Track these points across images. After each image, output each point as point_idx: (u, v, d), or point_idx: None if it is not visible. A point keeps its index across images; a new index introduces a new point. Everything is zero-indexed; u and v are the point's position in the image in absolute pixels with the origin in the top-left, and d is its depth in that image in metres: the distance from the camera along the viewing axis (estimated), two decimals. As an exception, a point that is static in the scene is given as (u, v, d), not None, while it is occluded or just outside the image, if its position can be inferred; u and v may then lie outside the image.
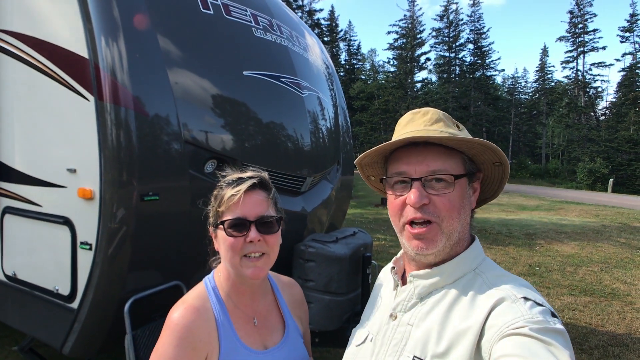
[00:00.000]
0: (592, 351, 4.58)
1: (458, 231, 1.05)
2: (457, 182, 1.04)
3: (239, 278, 1.28)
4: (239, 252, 1.23)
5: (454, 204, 1.03)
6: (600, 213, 15.34)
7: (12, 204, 3.18)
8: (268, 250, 1.26)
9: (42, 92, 2.92)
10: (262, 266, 1.25)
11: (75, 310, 2.76)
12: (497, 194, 1.21)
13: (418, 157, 1.05)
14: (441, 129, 1.06)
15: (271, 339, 1.33)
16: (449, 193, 1.02)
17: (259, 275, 1.25)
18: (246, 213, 1.23)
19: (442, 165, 1.03)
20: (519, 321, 0.87)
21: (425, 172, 1.03)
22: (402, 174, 1.06)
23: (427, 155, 1.04)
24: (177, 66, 2.82)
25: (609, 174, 34.10)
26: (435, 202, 1.02)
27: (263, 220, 1.24)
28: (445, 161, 1.04)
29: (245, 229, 1.22)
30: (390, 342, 1.08)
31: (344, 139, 4.61)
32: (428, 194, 1.02)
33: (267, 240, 1.25)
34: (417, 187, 1.03)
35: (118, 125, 2.52)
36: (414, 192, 1.02)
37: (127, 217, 2.58)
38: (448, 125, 1.09)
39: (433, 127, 1.07)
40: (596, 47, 45.76)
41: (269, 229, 1.25)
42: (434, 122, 1.08)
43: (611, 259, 8.64)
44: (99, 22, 2.55)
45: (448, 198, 1.02)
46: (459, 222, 1.05)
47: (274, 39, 3.49)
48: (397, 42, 48.14)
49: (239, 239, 1.22)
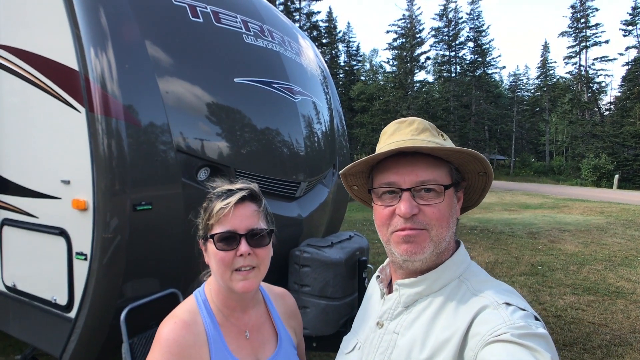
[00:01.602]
0: (595, 351, 4.55)
1: (446, 240, 1.05)
2: (446, 192, 1.04)
3: (229, 292, 1.26)
4: (230, 266, 1.21)
5: (443, 213, 1.03)
6: (605, 210, 15.26)
7: (10, 216, 3.21)
8: (258, 263, 1.24)
9: (34, 105, 2.95)
10: (253, 279, 1.24)
11: (73, 320, 2.77)
12: (478, 203, 1.21)
13: (407, 167, 1.04)
14: (428, 138, 1.06)
15: (264, 351, 1.32)
16: (439, 203, 1.03)
17: (249, 289, 1.24)
18: (236, 226, 1.21)
19: (431, 176, 1.03)
20: (501, 328, 0.88)
21: (415, 182, 1.03)
22: (392, 184, 1.05)
23: (416, 165, 1.04)
24: (168, 75, 2.84)
25: (614, 170, 33.83)
26: (425, 212, 1.02)
27: (253, 233, 1.23)
28: (434, 171, 1.04)
29: (235, 243, 1.21)
30: (377, 350, 1.08)
31: (340, 142, 4.61)
32: (418, 204, 1.03)
33: (257, 253, 1.23)
34: (407, 197, 1.02)
35: (109, 136, 2.54)
36: (404, 202, 1.02)
37: (121, 226, 2.59)
38: (434, 135, 1.09)
39: (420, 136, 1.07)
40: (599, 42, 45.58)
41: (259, 242, 1.24)
42: (420, 131, 1.08)
43: (616, 257, 8.58)
44: (88, 34, 2.58)
45: (438, 208, 1.03)
46: (448, 231, 1.05)
47: (265, 45, 3.51)
48: (396, 41, 48.17)
49: (229, 253, 1.20)
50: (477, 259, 8.07)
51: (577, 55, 47.08)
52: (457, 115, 47.92)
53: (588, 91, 46.23)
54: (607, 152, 36.42)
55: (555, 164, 48.92)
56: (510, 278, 7.01)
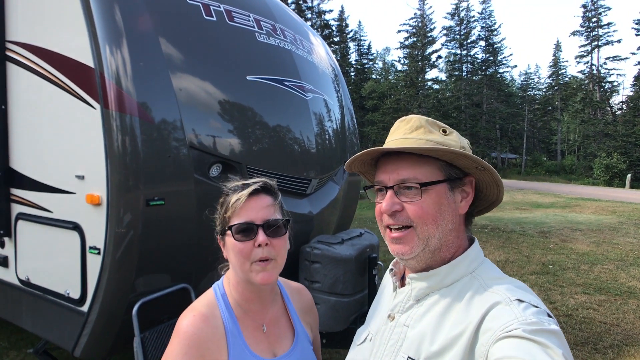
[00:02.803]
0: (606, 350, 4.52)
1: (437, 237, 1.05)
2: (430, 188, 1.05)
3: (248, 285, 1.28)
4: (249, 257, 1.23)
5: (426, 210, 1.04)
6: (617, 209, 15.08)
7: (25, 210, 3.26)
8: (276, 255, 1.25)
9: (51, 101, 2.99)
10: (272, 271, 1.25)
11: (86, 314, 2.81)
12: (500, 196, 1.18)
13: (392, 165, 1.08)
14: (419, 136, 1.07)
15: (280, 346, 1.33)
16: (419, 200, 1.04)
17: (268, 281, 1.25)
18: (253, 217, 1.24)
19: (411, 174, 1.05)
20: (513, 323, 0.88)
21: (396, 180, 1.06)
22: (380, 183, 1.10)
23: (400, 164, 1.07)
24: (181, 73, 2.87)
25: (626, 169, 33.44)
26: (408, 209, 1.05)
27: (270, 223, 1.25)
28: (415, 169, 1.06)
29: (252, 233, 1.23)
30: (388, 342, 1.10)
31: (351, 140, 4.62)
32: (400, 201, 1.06)
33: (274, 244, 1.25)
34: (390, 194, 1.06)
35: (123, 132, 2.57)
36: (386, 199, 1.07)
37: (134, 221, 2.63)
38: (429, 131, 1.09)
39: (412, 134, 1.08)
40: (611, 41, 45.02)
41: (276, 232, 1.26)
42: (413, 129, 1.10)
43: (628, 257, 8.48)
44: (104, 31, 2.61)
45: (419, 205, 1.04)
46: (436, 229, 1.05)
47: (278, 43, 3.53)
48: (407, 40, 47.99)
49: (247, 244, 1.22)
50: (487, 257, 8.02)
51: (589, 54, 46.54)
52: (468, 114, 47.64)
53: (600, 90, 45.68)
54: (619, 151, 35.99)
55: (567, 163, 48.46)
56: (521, 277, 6.96)
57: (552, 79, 55.54)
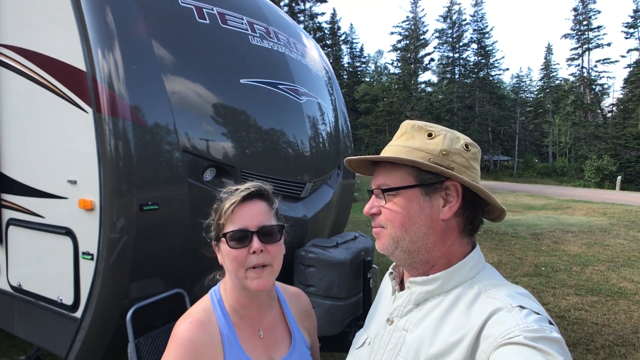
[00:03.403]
0: (598, 351, 4.55)
1: (407, 240, 1.07)
2: (398, 193, 1.08)
3: (244, 291, 1.27)
4: (243, 264, 1.22)
5: (393, 214, 1.08)
6: (608, 211, 15.21)
7: (16, 216, 3.23)
8: (271, 261, 1.24)
9: (42, 105, 2.96)
10: (267, 277, 1.24)
11: (79, 320, 2.79)
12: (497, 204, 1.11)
13: (376, 172, 1.17)
14: (401, 142, 1.12)
15: (277, 351, 1.32)
16: (387, 204, 1.10)
17: (264, 287, 1.24)
18: (247, 224, 1.22)
19: (383, 180, 1.12)
20: (514, 330, 0.88)
21: (375, 186, 1.15)
22: (370, 188, 1.18)
23: (379, 170, 1.15)
24: (174, 76, 2.85)
25: (617, 171, 33.77)
26: (382, 212, 1.12)
27: (265, 230, 1.24)
28: (387, 176, 1.12)
29: (247, 240, 1.22)
30: (386, 346, 1.10)
31: (345, 143, 4.63)
32: (378, 205, 1.13)
33: (269, 250, 1.24)
34: (372, 198, 1.15)
35: (116, 137, 2.55)
36: (369, 202, 1.16)
37: (127, 226, 2.61)
38: (412, 136, 1.11)
39: (397, 141, 1.13)
40: (601, 44, 45.51)
41: (271, 239, 1.25)
42: (400, 136, 1.15)
43: (619, 258, 8.55)
44: (95, 34, 2.59)
45: (389, 209, 1.09)
46: (405, 232, 1.07)
47: (271, 46, 3.52)
48: (400, 43, 48.19)
49: (242, 251, 1.21)
50: (480, 260, 8.05)
51: (579, 57, 47.00)
52: (460, 116, 47.87)
53: (591, 93, 46.12)
54: (609, 153, 36.38)
55: (558, 165, 48.81)
56: (514, 279, 7.00)
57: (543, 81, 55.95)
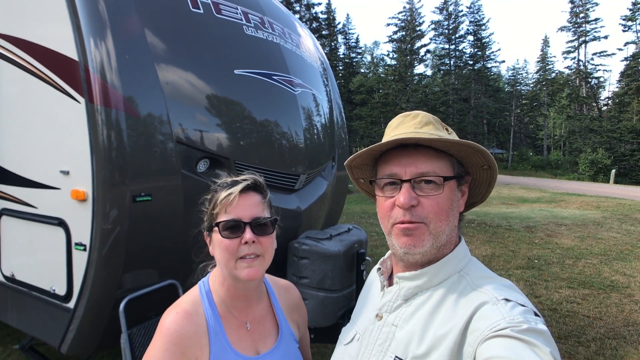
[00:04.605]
0: (589, 344, 4.59)
1: (446, 234, 1.05)
2: (446, 184, 1.04)
3: (234, 281, 1.27)
4: (234, 254, 1.22)
5: (442, 206, 1.03)
6: (602, 205, 15.30)
7: (9, 206, 3.21)
8: (263, 252, 1.25)
9: (34, 95, 2.93)
10: (258, 267, 1.24)
11: (72, 310, 2.78)
12: (485, 198, 1.20)
13: (408, 159, 1.05)
14: (431, 131, 1.06)
15: (264, 344, 1.33)
16: (437, 195, 1.03)
17: (254, 277, 1.24)
18: (241, 215, 1.23)
19: (431, 167, 1.04)
20: (500, 323, 0.88)
21: (414, 174, 1.04)
22: (393, 176, 1.06)
23: (417, 157, 1.05)
24: (168, 66, 2.83)
25: (611, 164, 33.99)
26: (424, 204, 1.03)
27: (258, 221, 1.24)
28: (434, 163, 1.04)
29: (240, 231, 1.22)
30: (375, 342, 1.09)
31: (340, 135, 4.61)
32: (417, 195, 1.03)
33: (261, 242, 1.24)
34: (407, 188, 1.03)
35: (109, 127, 2.53)
36: (403, 193, 1.03)
37: (120, 217, 2.60)
38: (437, 128, 1.09)
39: (423, 129, 1.07)
40: (598, 37, 45.54)
41: (263, 231, 1.25)
42: (424, 124, 1.09)
43: (611, 251, 8.62)
44: (88, 23, 2.56)
45: (436, 200, 1.03)
46: (447, 225, 1.05)
47: (266, 37, 3.50)
48: (396, 34, 48.00)
49: (234, 241, 1.21)
50: (474, 252, 8.10)
51: (576, 50, 47.09)
52: (456, 108, 47.91)
53: (586, 86, 46.24)
54: (604, 147, 36.57)
55: (552, 158, 49.03)
56: (507, 271, 7.05)
57: (539, 74, 56.03)
